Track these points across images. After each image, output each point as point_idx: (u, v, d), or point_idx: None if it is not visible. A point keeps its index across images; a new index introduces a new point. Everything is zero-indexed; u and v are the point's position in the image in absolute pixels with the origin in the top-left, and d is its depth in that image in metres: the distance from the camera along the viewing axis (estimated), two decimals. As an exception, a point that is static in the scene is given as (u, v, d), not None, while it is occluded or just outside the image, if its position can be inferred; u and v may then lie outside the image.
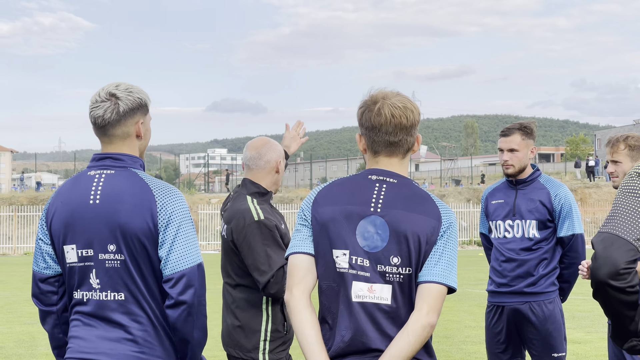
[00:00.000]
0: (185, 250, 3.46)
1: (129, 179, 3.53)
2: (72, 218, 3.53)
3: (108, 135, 3.60)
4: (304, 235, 3.43)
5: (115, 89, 3.57)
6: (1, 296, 19.87)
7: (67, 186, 3.64)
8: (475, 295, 19.12)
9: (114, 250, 3.46)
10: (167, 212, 3.46)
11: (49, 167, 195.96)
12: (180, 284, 3.43)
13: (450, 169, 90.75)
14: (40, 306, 3.68)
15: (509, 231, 6.20)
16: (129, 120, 3.59)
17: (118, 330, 3.45)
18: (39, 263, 3.67)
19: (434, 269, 3.30)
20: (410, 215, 3.32)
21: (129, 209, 3.45)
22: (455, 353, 11.39)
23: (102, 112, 3.55)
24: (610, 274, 2.79)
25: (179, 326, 3.47)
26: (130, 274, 3.46)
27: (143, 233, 3.44)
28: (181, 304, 3.44)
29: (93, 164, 3.63)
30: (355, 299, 3.31)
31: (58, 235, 3.56)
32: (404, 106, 3.39)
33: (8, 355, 11.55)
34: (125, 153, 3.61)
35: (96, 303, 3.49)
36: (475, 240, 47.92)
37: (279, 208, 48.42)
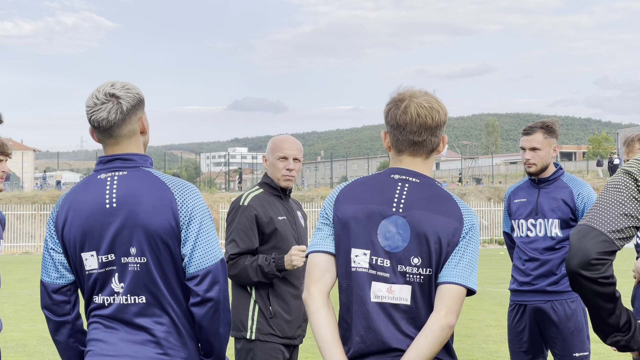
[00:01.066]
0: (209, 246, 3.38)
1: (144, 179, 3.43)
2: (88, 225, 3.40)
3: (114, 137, 3.46)
4: (324, 234, 3.43)
5: (112, 89, 3.44)
6: (24, 294, 20.00)
7: (76, 192, 3.50)
8: (496, 294, 19.05)
9: (135, 253, 3.36)
10: (188, 209, 3.38)
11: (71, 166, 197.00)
12: (207, 280, 3.35)
13: (471, 167, 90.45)
14: (53, 317, 3.53)
15: (532, 230, 6.18)
16: (133, 118, 3.47)
17: (141, 333, 3.37)
18: (50, 273, 3.51)
19: (454, 270, 3.29)
20: (431, 216, 3.31)
21: (149, 209, 3.35)
22: (476, 352, 11.35)
23: (106, 114, 3.41)
24: (581, 263, 2.78)
25: (206, 324, 3.39)
26: (152, 276, 3.36)
27: (166, 232, 3.34)
28: (208, 300, 3.36)
29: (101, 167, 3.50)
30: (374, 299, 3.31)
31: (73, 244, 3.43)
32: (430, 106, 3.38)
33: (31, 353, 11.62)
34: (133, 152, 3.49)
35: (118, 307, 3.39)
36: (496, 239, 47.76)
37: (300, 207, 48.39)
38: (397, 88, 3.47)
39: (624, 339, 2.90)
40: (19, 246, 44.41)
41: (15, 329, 13.96)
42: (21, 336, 13.12)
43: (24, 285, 22.66)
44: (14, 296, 19.45)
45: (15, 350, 11.79)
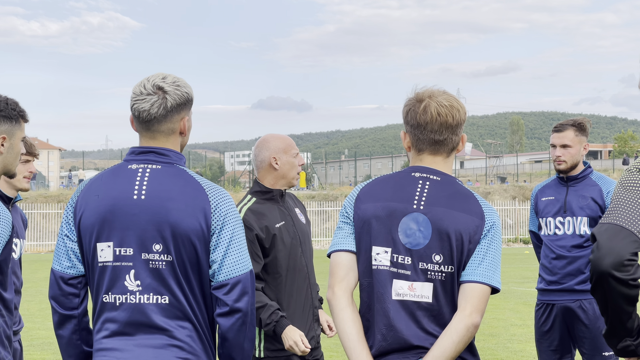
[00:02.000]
0: (240, 255, 3.23)
1: (179, 177, 3.28)
2: (110, 213, 3.23)
3: (152, 131, 3.33)
4: (345, 233, 3.43)
5: (162, 82, 3.30)
6: (50, 292, 20.11)
7: (103, 179, 3.33)
8: (521, 293, 18.97)
9: (159, 250, 3.20)
10: (221, 214, 3.23)
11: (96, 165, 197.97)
12: (236, 290, 3.19)
13: (496, 166, 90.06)
14: (60, 309, 3.34)
15: (560, 228, 6.15)
16: (175, 117, 3.32)
17: (161, 336, 3.18)
18: (62, 262, 3.33)
19: (478, 268, 3.29)
20: (453, 213, 3.31)
21: (181, 207, 3.20)
22: (501, 352, 11.31)
23: (149, 106, 3.28)
24: (614, 264, 2.70)
25: (231, 336, 3.21)
26: (177, 277, 3.20)
27: (195, 234, 3.19)
28: (236, 311, 3.19)
29: (133, 158, 3.35)
30: (395, 297, 3.31)
31: (90, 232, 3.25)
32: (450, 105, 3.38)
33: (56, 350, 11.69)
34: (169, 148, 3.35)
35: (133, 307, 3.19)
36: (521, 238, 47.52)
37: (323, 206, 48.48)
38: (414, 88, 3.47)
39: (634, 344, 2.85)
40: (44, 245, 44.69)
41: (41, 327, 14.06)
42: (47, 334, 13.21)
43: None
44: (39, 294, 19.57)
45: (41, 348, 11.89)
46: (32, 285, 21.96)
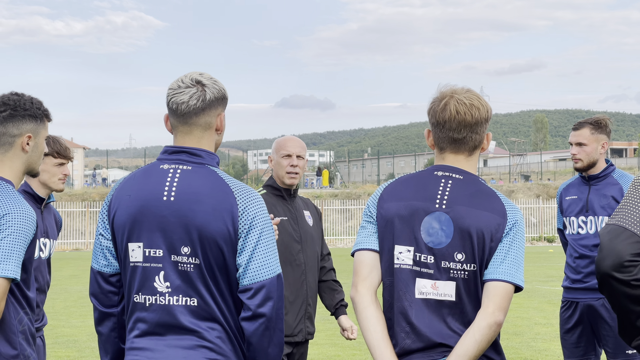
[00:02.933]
0: (266, 259, 3.19)
1: (208, 178, 3.24)
2: (140, 214, 3.23)
3: (189, 124, 3.29)
4: (369, 232, 3.44)
5: (200, 77, 3.30)
6: (74, 290, 20.26)
7: (135, 179, 3.32)
8: (545, 291, 18.89)
9: (187, 252, 3.18)
10: (249, 217, 3.19)
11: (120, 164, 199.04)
12: (260, 295, 3.16)
13: (519, 164, 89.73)
14: (100, 307, 3.36)
15: (583, 227, 6.14)
16: (212, 111, 3.30)
17: (190, 337, 3.17)
18: (99, 260, 3.35)
19: (500, 267, 3.28)
20: (474, 212, 3.31)
21: (208, 210, 3.17)
22: (525, 350, 11.27)
23: (187, 97, 3.26)
24: (614, 265, 2.69)
25: (255, 341, 3.20)
26: (205, 279, 3.17)
27: (222, 237, 3.16)
28: (259, 316, 3.17)
29: (165, 157, 3.33)
30: (418, 296, 3.31)
31: (122, 231, 3.26)
32: (470, 103, 3.37)
33: (81, 348, 11.77)
34: (202, 148, 3.31)
35: (163, 308, 3.19)
36: (545, 236, 47.34)
37: (346, 204, 48.48)
38: (439, 86, 3.48)
39: None
40: (69, 243, 44.98)
41: (66, 324, 14.15)
42: (72, 332, 13.29)
43: (74, 281, 22.95)
44: (64, 292, 19.71)
45: (66, 346, 11.96)
46: (56, 284, 22.10)
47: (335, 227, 48.06)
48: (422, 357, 3.29)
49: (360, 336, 12.43)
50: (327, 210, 48.05)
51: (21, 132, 3.68)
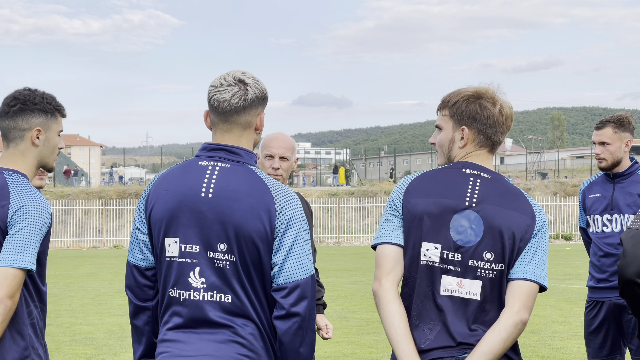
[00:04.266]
0: (302, 259, 3.21)
1: (246, 176, 3.26)
2: (178, 209, 3.24)
3: (230, 122, 3.31)
4: (394, 225, 3.41)
5: (243, 76, 3.32)
6: (92, 288, 20.31)
7: (173, 174, 3.33)
8: (563, 290, 18.82)
9: (224, 249, 3.20)
10: (286, 216, 3.21)
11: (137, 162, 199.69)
12: (294, 294, 3.18)
13: (536, 162, 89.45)
14: (135, 300, 3.38)
15: (607, 225, 6.08)
16: (253, 110, 3.33)
17: (223, 331, 3.19)
18: (135, 254, 3.37)
19: (527, 266, 3.29)
20: (505, 212, 3.32)
21: (246, 208, 3.19)
22: (542, 348, 11.23)
23: (230, 96, 3.28)
24: (638, 272, 2.67)
25: (287, 340, 3.21)
26: (240, 277, 3.19)
27: (258, 236, 3.18)
28: (293, 315, 3.18)
29: (204, 154, 3.34)
30: (443, 293, 3.31)
31: (159, 226, 3.28)
32: (510, 106, 3.45)
33: (99, 345, 11.80)
34: (241, 147, 3.33)
35: (197, 304, 3.21)
36: (562, 234, 47.18)
37: (363, 202, 48.45)
38: (469, 83, 3.52)
39: None
40: (86, 241, 45.14)
41: (83, 322, 14.19)
42: (89, 329, 13.33)
43: (91, 279, 23.02)
44: (81, 290, 19.77)
45: (83, 343, 12.00)
46: (74, 281, 22.20)
47: (352, 224, 48.01)
48: (444, 354, 3.28)
49: (377, 333, 12.44)
50: (343, 208, 48.02)
51: (30, 126, 3.75)
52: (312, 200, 47.46)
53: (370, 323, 13.61)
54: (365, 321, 13.91)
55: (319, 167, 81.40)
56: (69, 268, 27.51)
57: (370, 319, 13.95)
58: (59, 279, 22.61)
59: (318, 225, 46.80)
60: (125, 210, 46.09)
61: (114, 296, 18.10)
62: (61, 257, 33.59)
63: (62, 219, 45.42)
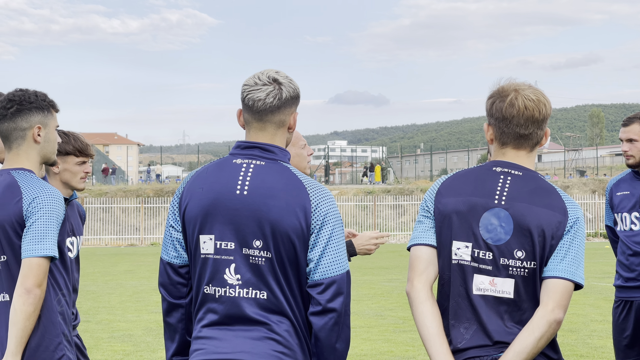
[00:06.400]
0: (337, 255, 3.22)
1: (281, 174, 3.28)
2: (213, 207, 3.26)
3: (264, 121, 3.33)
4: (426, 227, 3.41)
5: (277, 75, 3.34)
6: (130, 285, 20.47)
7: (208, 172, 3.36)
8: (602, 288, 18.65)
9: (260, 246, 3.21)
10: (322, 213, 3.23)
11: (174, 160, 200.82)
12: (330, 290, 3.19)
13: (575, 159, 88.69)
14: (169, 298, 3.41)
15: (636, 224, 6.01)
16: (287, 109, 3.35)
17: (259, 328, 3.20)
18: (169, 251, 3.39)
19: (560, 264, 3.25)
20: (535, 209, 3.28)
21: (282, 205, 3.20)
22: (581, 347, 11.14)
23: (264, 95, 3.29)
24: None
25: (323, 335, 3.21)
26: (275, 273, 3.21)
27: (294, 232, 3.19)
28: (329, 311, 3.19)
29: (238, 152, 3.36)
30: (476, 292, 3.29)
31: (194, 223, 3.29)
32: (537, 99, 3.35)
33: (137, 342, 11.89)
34: (274, 144, 3.36)
35: (232, 300, 3.23)
36: (601, 232, 46.73)
37: (399, 200, 48.36)
38: (498, 80, 3.45)
39: None
40: (124, 238, 45.48)
41: (121, 319, 14.31)
42: (127, 326, 13.44)
43: (129, 276, 23.20)
44: (120, 287, 19.92)
45: (121, 340, 12.09)
46: (112, 279, 22.38)
47: (388, 222, 47.94)
48: (479, 353, 3.26)
49: (413, 331, 12.41)
50: (379, 206, 47.96)
51: (30, 124, 3.88)
52: (348, 198, 47.46)
53: (406, 321, 13.58)
54: (401, 319, 13.88)
55: (355, 165, 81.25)
56: (107, 265, 27.75)
57: (406, 317, 13.92)
58: (97, 277, 22.82)
59: (354, 223, 46.78)
60: (162, 208, 46.37)
61: (151, 293, 18.22)
62: (99, 255, 33.89)
63: (100, 216, 45.81)
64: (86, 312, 14.94)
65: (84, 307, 15.59)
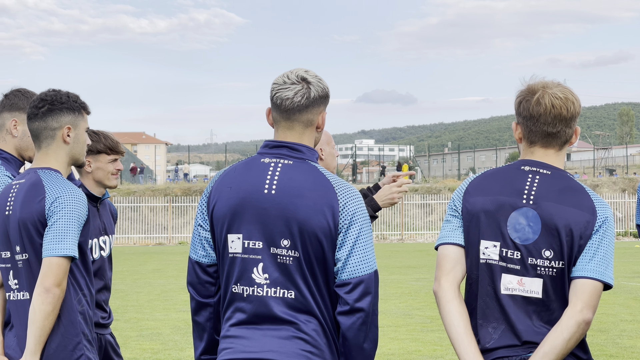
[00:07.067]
0: (365, 255, 3.21)
1: (309, 173, 3.28)
2: (241, 206, 3.26)
3: (292, 120, 3.33)
4: (453, 226, 3.40)
5: (306, 74, 3.33)
6: (158, 284, 20.57)
7: (236, 171, 3.36)
8: (632, 288, 18.51)
9: (287, 245, 3.21)
10: (349, 212, 3.22)
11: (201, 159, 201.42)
12: (358, 290, 3.18)
13: (604, 158, 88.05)
14: (197, 297, 3.41)
15: None
16: (315, 109, 3.34)
17: (287, 328, 3.20)
18: (197, 250, 3.39)
19: (589, 264, 3.22)
20: (563, 208, 3.25)
21: (310, 205, 3.20)
22: (611, 347, 11.06)
23: (292, 94, 3.29)
24: None
25: (351, 335, 3.20)
26: (303, 273, 3.20)
27: (322, 232, 3.19)
28: (357, 311, 3.18)
29: (266, 151, 3.36)
30: (504, 292, 3.27)
31: (222, 223, 3.29)
32: (565, 97, 3.32)
33: (165, 341, 11.94)
34: (303, 144, 3.35)
35: (260, 300, 3.22)
36: (631, 231, 46.38)
37: (426, 199, 48.25)
38: (527, 79, 3.42)
39: None
40: (152, 237, 45.72)
41: (149, 317, 14.38)
42: (156, 325, 13.50)
43: (157, 275, 23.31)
44: (148, 286, 20.02)
45: (150, 339, 12.15)
46: (140, 277, 22.49)
47: (416, 221, 47.85)
48: (507, 353, 3.24)
49: (441, 331, 12.37)
50: (407, 204, 47.87)
51: (60, 124, 3.90)
52: (376, 197, 47.32)
53: (434, 320, 13.55)
54: (429, 318, 13.85)
55: (382, 163, 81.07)
56: (135, 264, 27.90)
57: (434, 317, 13.89)
58: (125, 275, 22.94)
59: (382, 222, 46.72)
60: (190, 207, 46.55)
61: (179, 292, 18.29)
62: (128, 254, 34.08)
63: (129, 215, 46.07)
64: (115, 310, 15.02)
65: (112, 305, 15.66)
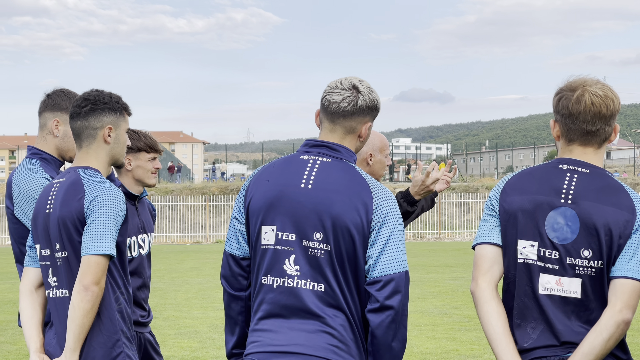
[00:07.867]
0: (396, 254, 3.26)
1: (346, 171, 3.35)
2: (277, 199, 3.34)
3: (335, 123, 3.42)
4: (490, 225, 3.39)
5: (359, 83, 3.41)
6: (195, 282, 20.66)
7: (275, 166, 3.45)
8: (672, 288, 18.26)
9: (320, 239, 3.27)
10: (383, 212, 3.28)
11: (238, 158, 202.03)
12: (388, 287, 3.22)
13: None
14: (229, 289, 3.48)
15: None
16: (360, 118, 3.41)
17: (314, 322, 3.24)
18: (232, 243, 3.47)
19: (629, 264, 3.19)
20: (601, 207, 3.22)
21: (344, 201, 3.27)
22: (651, 348, 10.93)
23: (340, 98, 3.38)
24: None
25: (380, 333, 3.24)
26: (333, 266, 3.25)
27: (355, 227, 3.25)
28: (387, 308, 3.22)
29: (306, 149, 3.45)
30: (542, 292, 3.25)
31: (257, 215, 3.36)
32: (605, 95, 3.29)
33: (202, 339, 12.00)
34: (342, 145, 3.43)
35: (290, 291, 3.27)
36: (671, 230, 45.82)
37: (464, 197, 48.03)
38: (567, 77, 3.40)
39: None
40: (190, 236, 45.93)
41: (187, 316, 14.45)
42: (193, 323, 13.57)
43: (195, 273, 23.41)
44: (186, 284, 20.12)
45: (188, 337, 12.22)
46: (178, 276, 22.61)
47: (453, 220, 47.64)
48: (546, 354, 3.23)
49: (479, 330, 12.31)
50: (444, 203, 47.68)
51: (102, 124, 3.94)
52: (413, 196, 47.15)
53: (472, 320, 13.48)
54: (467, 317, 13.79)
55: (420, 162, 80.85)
56: (173, 263, 28.05)
57: (471, 316, 13.82)
58: (163, 274, 23.07)
59: (419, 220, 46.56)
60: (227, 206, 46.73)
61: (216, 290, 18.36)
62: (166, 252, 34.28)
63: (166, 214, 46.33)
64: (153, 308, 15.10)
65: (150, 304, 15.76)
